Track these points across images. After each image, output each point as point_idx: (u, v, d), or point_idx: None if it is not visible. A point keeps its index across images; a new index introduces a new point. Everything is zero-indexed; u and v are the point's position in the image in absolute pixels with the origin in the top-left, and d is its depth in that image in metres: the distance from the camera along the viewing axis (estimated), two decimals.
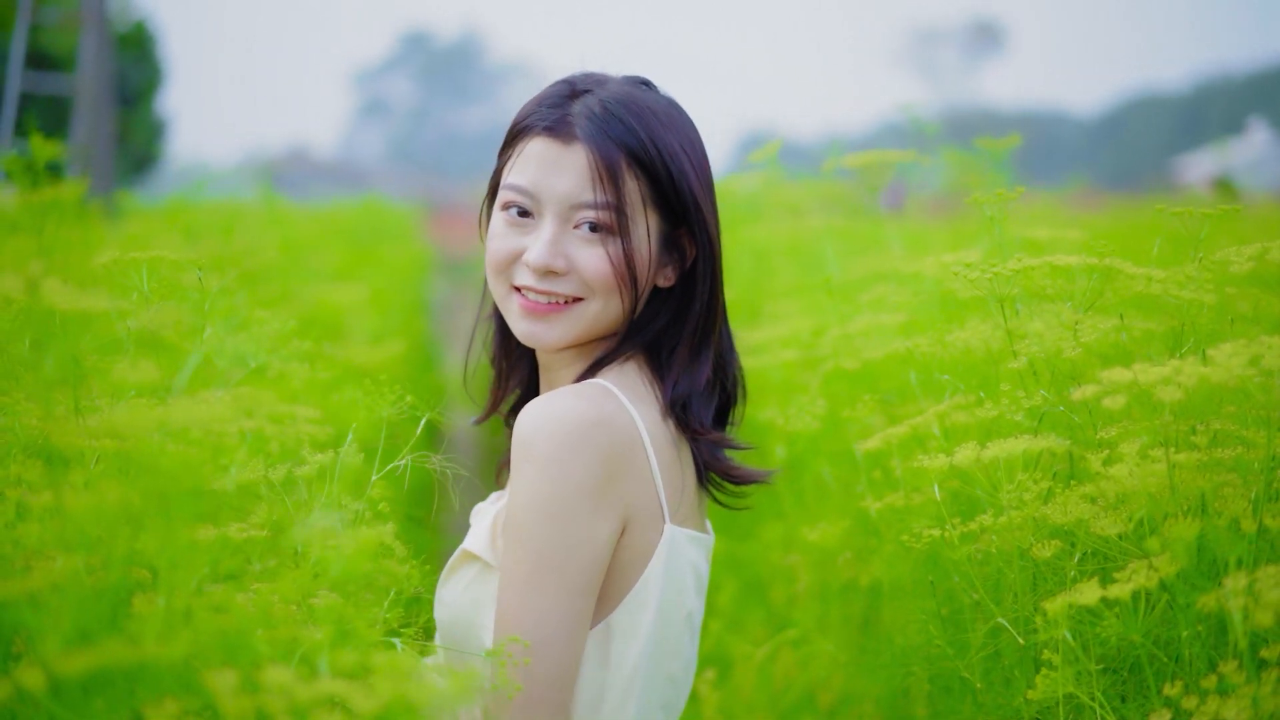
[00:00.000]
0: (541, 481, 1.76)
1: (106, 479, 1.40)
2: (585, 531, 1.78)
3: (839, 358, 2.61)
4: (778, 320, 3.49)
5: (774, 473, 2.11)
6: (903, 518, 2.26)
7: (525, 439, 1.78)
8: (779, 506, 3.18)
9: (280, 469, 1.83)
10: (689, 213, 1.92)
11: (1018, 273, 1.98)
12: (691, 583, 1.93)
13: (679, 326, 1.97)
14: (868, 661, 2.55)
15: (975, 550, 1.94)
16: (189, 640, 1.29)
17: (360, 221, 10.38)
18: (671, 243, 1.95)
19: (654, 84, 2.02)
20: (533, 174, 1.90)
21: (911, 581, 2.34)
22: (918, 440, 2.19)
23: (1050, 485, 1.84)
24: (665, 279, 1.97)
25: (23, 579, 1.18)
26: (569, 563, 1.78)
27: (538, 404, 1.81)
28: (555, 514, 1.77)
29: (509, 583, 1.78)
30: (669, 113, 1.95)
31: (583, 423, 1.79)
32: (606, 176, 1.87)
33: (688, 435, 1.94)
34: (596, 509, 1.79)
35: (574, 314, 1.91)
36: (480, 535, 1.92)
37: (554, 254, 1.88)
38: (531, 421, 1.79)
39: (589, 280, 1.89)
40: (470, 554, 1.92)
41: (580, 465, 1.78)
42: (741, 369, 2.08)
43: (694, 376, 1.95)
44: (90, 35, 11.18)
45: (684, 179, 1.91)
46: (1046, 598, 1.88)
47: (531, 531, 1.77)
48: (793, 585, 2.96)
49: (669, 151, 1.90)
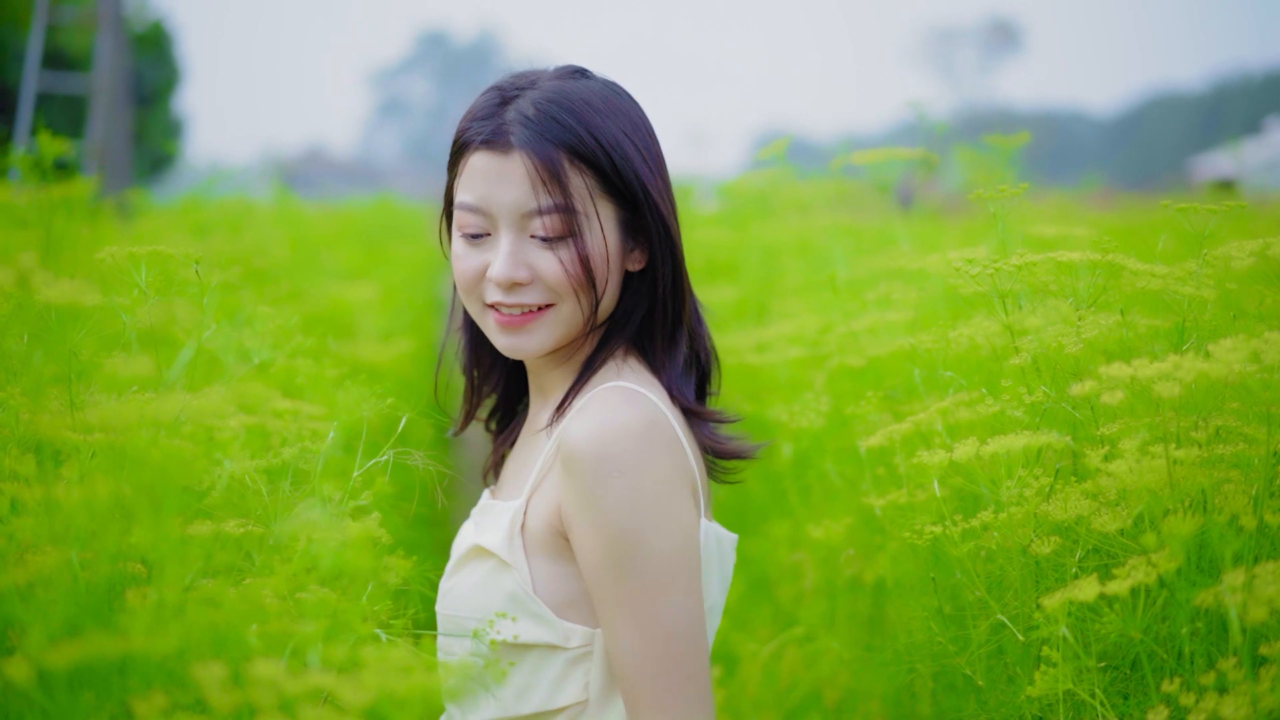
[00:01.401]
0: (632, 491, 1.77)
1: (98, 473, 1.40)
2: (688, 520, 1.82)
3: (844, 355, 2.60)
4: (786, 318, 3.48)
5: (761, 446, 2.10)
6: (906, 515, 2.25)
7: (597, 457, 1.78)
8: (785, 503, 3.17)
9: (268, 460, 1.83)
10: (637, 196, 1.91)
11: (1020, 269, 1.97)
12: (717, 580, 1.94)
13: (654, 310, 1.96)
14: (873, 659, 2.54)
15: (977, 547, 1.93)
16: (179, 634, 1.29)
17: (373, 220, 10.38)
18: (635, 227, 1.94)
19: (588, 71, 1.99)
20: (479, 190, 1.89)
21: (915, 578, 2.33)
22: (921, 437, 2.18)
23: (1051, 482, 1.83)
24: (635, 263, 1.96)
25: (13, 572, 1.18)
26: (687, 553, 1.81)
27: (589, 426, 1.80)
28: (660, 514, 1.78)
29: (637, 595, 1.79)
30: (606, 99, 1.93)
31: (644, 425, 1.81)
32: (549, 179, 1.85)
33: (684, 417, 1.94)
34: (686, 497, 1.83)
35: (548, 320, 1.91)
36: (496, 532, 1.90)
37: (515, 265, 1.88)
38: (594, 442, 1.78)
39: (552, 286, 1.88)
40: (483, 550, 1.91)
41: (661, 464, 1.80)
42: (710, 337, 2.07)
43: (674, 357, 1.95)
44: (106, 35, 11.22)
45: (628, 165, 1.89)
46: (1047, 594, 1.88)
47: (644, 537, 1.78)
48: (799, 583, 2.95)
49: (609, 141, 1.89)
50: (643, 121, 1.96)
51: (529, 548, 1.88)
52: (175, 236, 4.06)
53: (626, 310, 1.97)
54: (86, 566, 1.36)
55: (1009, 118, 53.84)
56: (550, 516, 1.86)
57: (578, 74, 1.97)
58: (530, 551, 1.87)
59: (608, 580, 1.80)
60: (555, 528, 1.85)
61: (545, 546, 1.87)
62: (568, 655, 1.86)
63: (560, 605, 1.86)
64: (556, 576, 1.87)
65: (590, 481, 1.78)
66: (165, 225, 5.25)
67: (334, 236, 6.99)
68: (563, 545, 1.86)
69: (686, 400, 1.94)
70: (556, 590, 1.86)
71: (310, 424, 2.09)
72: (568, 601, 1.86)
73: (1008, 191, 2.13)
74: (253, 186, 8.30)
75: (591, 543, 1.80)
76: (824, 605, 2.80)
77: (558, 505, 1.85)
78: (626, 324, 1.96)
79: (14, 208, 3.61)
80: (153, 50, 22.95)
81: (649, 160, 1.93)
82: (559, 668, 1.87)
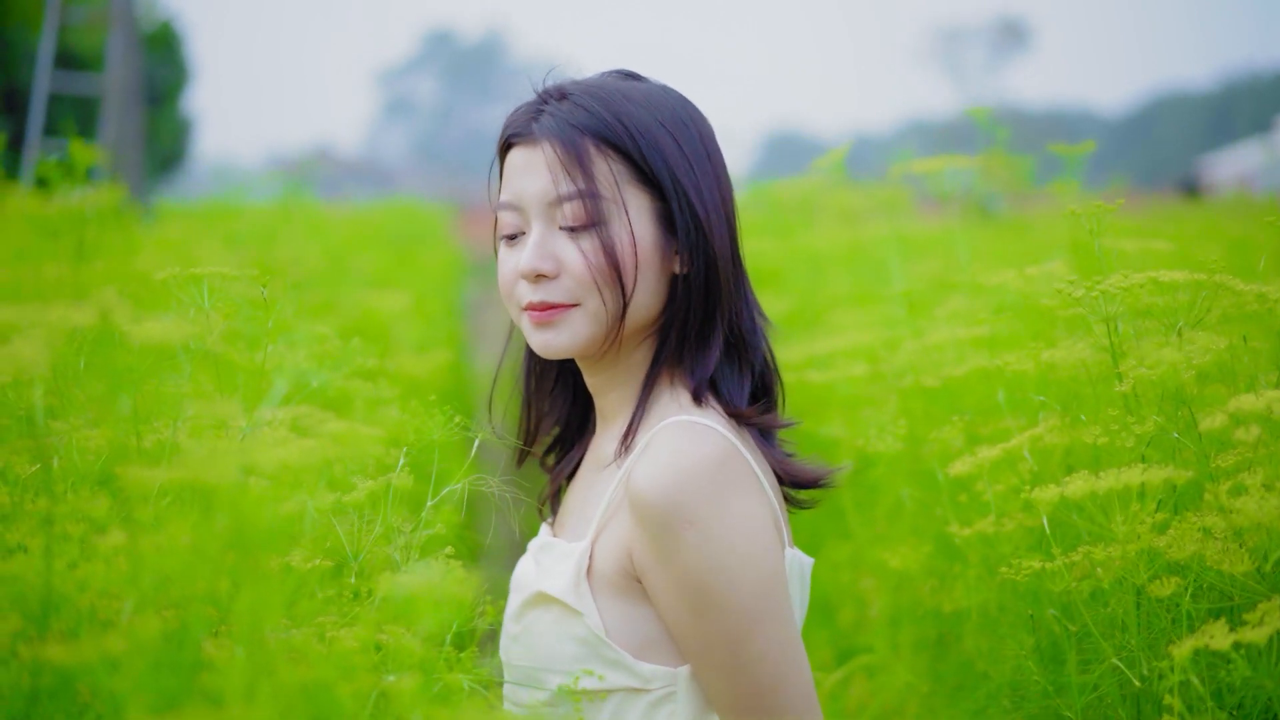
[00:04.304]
0: (707, 541, 1.69)
1: (180, 517, 1.30)
2: (770, 556, 1.73)
3: (919, 374, 2.50)
4: (837, 331, 3.39)
5: (838, 472, 2.00)
6: (992, 544, 2.16)
7: (666, 509, 1.69)
8: (844, 525, 3.07)
9: (343, 495, 1.75)
10: (665, 186, 1.81)
11: (1126, 290, 1.87)
12: (799, 607, 1.86)
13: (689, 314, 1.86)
14: (948, 692, 2.44)
15: (1078, 583, 1.84)
16: (271, 696, 1.20)
17: (395, 224, 10.29)
18: (676, 224, 1.83)
19: (641, 75, 1.92)
20: (513, 186, 1.83)
21: (997, 609, 2.24)
22: (1010, 463, 2.08)
23: (1166, 517, 1.74)
24: (681, 266, 1.84)
25: (99, 640, 1.08)
26: (772, 591, 1.73)
27: (655, 474, 1.71)
28: (738, 559, 1.70)
29: (722, 643, 1.71)
30: (647, 93, 1.85)
31: (714, 465, 1.72)
32: (571, 164, 1.77)
33: None
34: (766, 532, 1.74)
35: (574, 318, 1.81)
36: (560, 577, 1.80)
37: (540, 256, 1.79)
38: (663, 492, 1.69)
39: (577, 278, 1.78)
40: (548, 596, 1.81)
41: (736, 504, 1.71)
42: (771, 352, 1.96)
43: (704, 361, 1.84)
44: (118, 34, 11.13)
45: (656, 152, 1.80)
46: (1159, 635, 1.79)
47: (723, 586, 1.69)
48: (862, 608, 2.86)
49: (638, 127, 1.80)
50: (691, 120, 1.86)
51: (597, 590, 1.78)
52: (207, 246, 3.98)
53: (678, 316, 1.85)
54: (163, 614, 1.27)
55: (1017, 117, 53.71)
56: (621, 559, 1.76)
57: (628, 76, 1.90)
58: (599, 594, 1.77)
59: (689, 630, 1.73)
60: (627, 570, 1.76)
61: (616, 589, 1.77)
62: (650, 697, 1.77)
63: (638, 648, 1.76)
64: (632, 619, 1.77)
65: (662, 534, 1.69)
66: (189, 231, 5.17)
67: (358, 242, 6.90)
68: (636, 587, 1.76)
69: (736, 405, 1.84)
70: (633, 632, 1.77)
71: (370, 448, 2.00)
72: (645, 643, 1.77)
73: (1102, 207, 2.03)
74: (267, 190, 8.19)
75: (669, 595, 1.72)
76: (889, 632, 2.71)
77: (628, 548, 1.75)
78: (683, 331, 1.85)
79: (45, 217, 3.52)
80: (162, 50, 22.90)
81: (689, 154, 1.82)
82: (641, 710, 1.77)
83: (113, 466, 1.44)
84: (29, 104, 10.85)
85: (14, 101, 17.31)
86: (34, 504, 1.52)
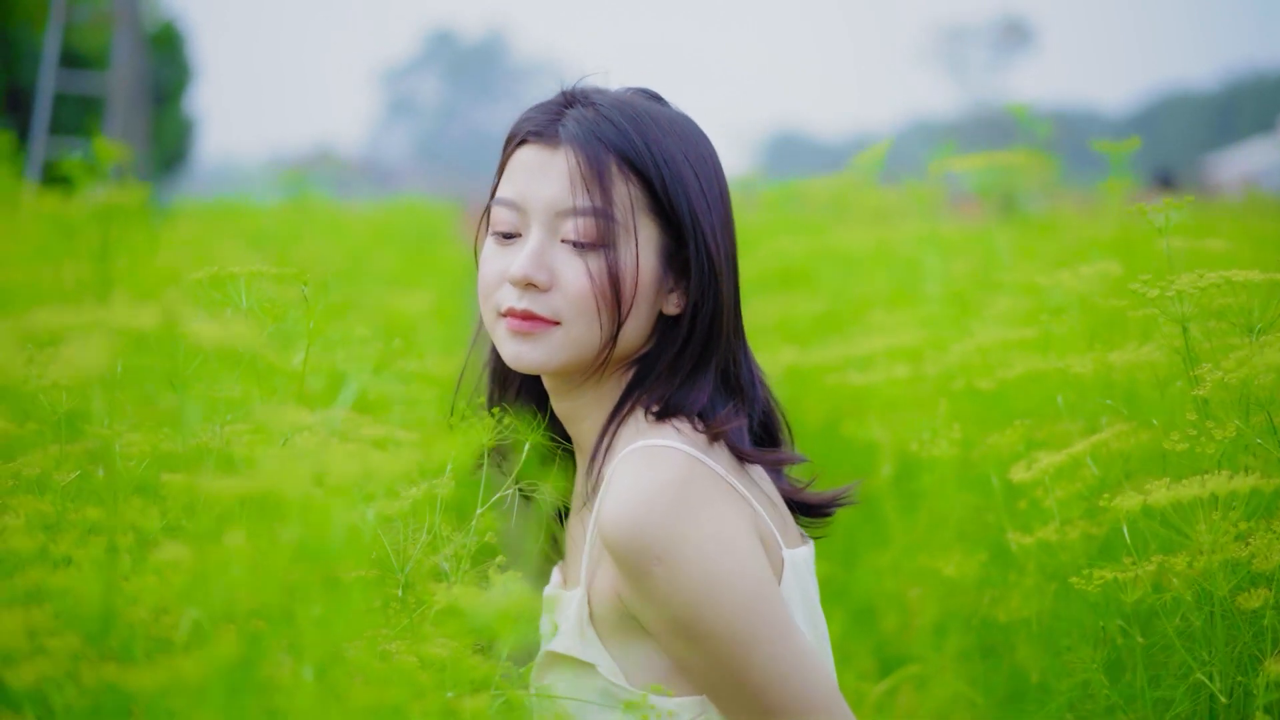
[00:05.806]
0: (677, 574, 1.61)
1: (239, 528, 1.24)
2: (751, 569, 1.65)
3: (971, 376, 2.43)
4: (875, 332, 3.32)
5: (850, 489, 1.93)
6: (1052, 553, 2.09)
7: (631, 550, 1.61)
8: (884, 532, 3.00)
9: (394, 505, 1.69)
10: (684, 223, 1.74)
11: (1201, 291, 1.80)
12: (800, 606, 1.77)
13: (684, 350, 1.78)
14: (999, 703, 2.38)
15: (1152, 594, 1.78)
16: (342, 717, 1.14)
17: (405, 223, 10.23)
18: (678, 262, 1.76)
19: (664, 99, 1.84)
20: (519, 183, 1.75)
21: (1053, 619, 2.18)
22: (1072, 469, 2.02)
23: (1249, 526, 1.68)
24: (672, 305, 1.78)
25: (170, 662, 1.02)
26: (761, 602, 1.64)
27: (616, 510, 1.63)
28: (715, 583, 1.62)
29: (718, 663, 1.65)
30: (674, 122, 1.78)
31: (674, 489, 1.63)
32: (592, 179, 1.69)
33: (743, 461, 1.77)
34: (745, 543, 1.66)
35: (554, 337, 1.72)
36: (567, 634, 1.74)
37: (536, 266, 1.70)
38: (624, 531, 1.61)
39: (572, 298, 1.70)
40: (558, 656, 1.74)
41: (704, 525, 1.63)
42: (773, 399, 1.89)
43: (687, 400, 1.76)
44: (124, 33, 11.10)
45: (679, 186, 1.73)
46: (1242, 650, 1.72)
47: (705, 612, 1.62)
48: (905, 615, 2.79)
49: (665, 155, 1.73)
50: (710, 157, 1.80)
51: (604, 636, 1.72)
52: (226, 245, 3.92)
53: (655, 356, 1.79)
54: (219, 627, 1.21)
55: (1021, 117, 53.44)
56: (614, 600, 1.70)
57: (653, 97, 1.83)
58: (606, 639, 1.72)
59: (689, 661, 1.67)
60: (622, 611, 1.70)
61: (620, 630, 1.71)
62: None
63: (659, 683, 1.70)
64: (644, 656, 1.71)
65: (634, 574, 1.63)
66: (204, 230, 5.12)
67: (373, 241, 6.85)
68: (638, 624, 1.70)
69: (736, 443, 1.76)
70: (649, 669, 1.71)
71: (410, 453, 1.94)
72: (664, 677, 1.70)
73: (1173, 205, 1.97)
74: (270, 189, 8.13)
75: (660, 631, 1.66)
76: (934, 640, 2.64)
77: (616, 589, 1.69)
78: (653, 372, 1.78)
79: (62, 215, 3.47)
80: (165, 50, 22.88)
81: (708, 194, 1.76)
82: None
83: (168, 473, 1.38)
84: (33, 103, 10.80)
85: (18, 100, 17.28)
86: (78, 514, 1.46)
